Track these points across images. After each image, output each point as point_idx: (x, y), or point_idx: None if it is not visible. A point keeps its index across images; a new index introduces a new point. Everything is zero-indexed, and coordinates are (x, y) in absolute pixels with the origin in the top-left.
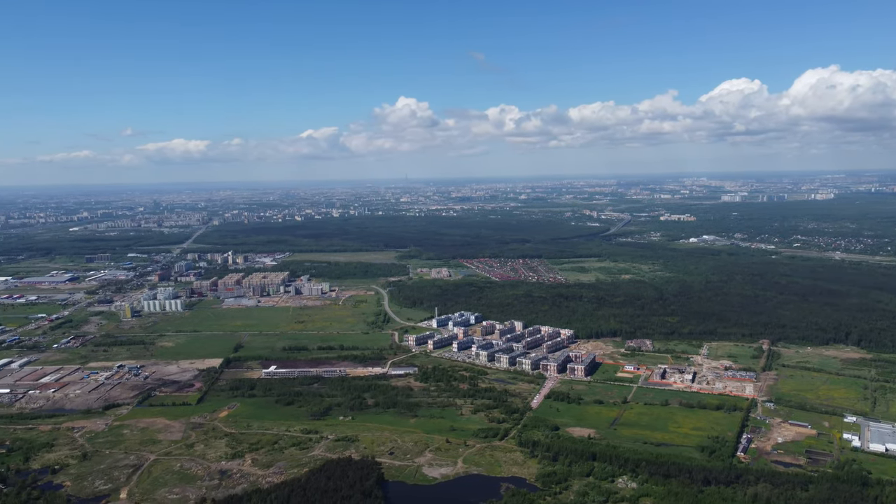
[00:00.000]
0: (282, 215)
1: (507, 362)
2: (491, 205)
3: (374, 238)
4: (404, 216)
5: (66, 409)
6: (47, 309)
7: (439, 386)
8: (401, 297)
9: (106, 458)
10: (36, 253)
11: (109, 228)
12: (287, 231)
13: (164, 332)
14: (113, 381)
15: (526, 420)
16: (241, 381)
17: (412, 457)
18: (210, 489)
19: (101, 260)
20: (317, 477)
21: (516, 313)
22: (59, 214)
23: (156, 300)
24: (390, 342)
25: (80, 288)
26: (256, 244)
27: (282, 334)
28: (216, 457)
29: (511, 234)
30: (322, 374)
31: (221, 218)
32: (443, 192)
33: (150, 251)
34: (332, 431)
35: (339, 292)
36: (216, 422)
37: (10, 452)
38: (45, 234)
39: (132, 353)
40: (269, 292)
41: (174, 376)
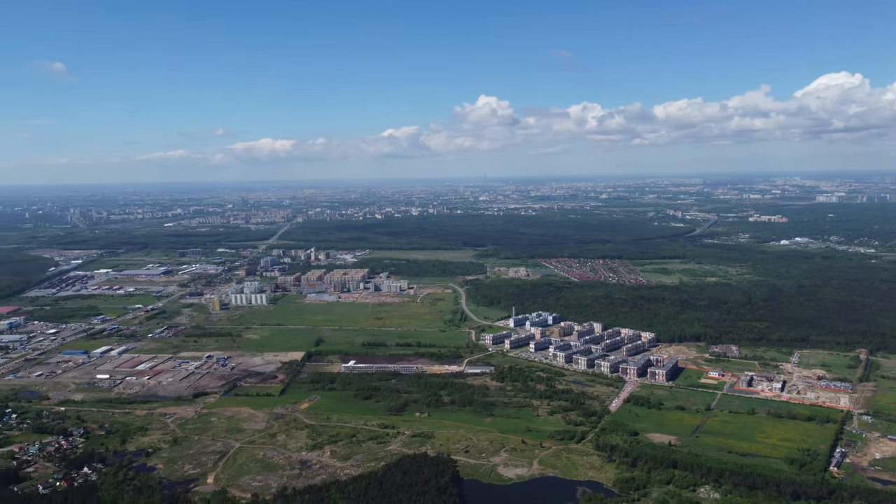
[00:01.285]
0: (363, 213)
1: (585, 364)
2: (571, 204)
3: (453, 236)
4: (483, 215)
5: (159, 395)
6: (144, 300)
7: (515, 386)
8: (478, 295)
9: (195, 444)
10: (134, 247)
11: (201, 224)
12: (367, 228)
13: (250, 325)
14: (202, 370)
15: (604, 424)
16: (322, 374)
17: (487, 456)
18: (291, 478)
19: (193, 254)
20: (393, 471)
21: (595, 315)
22: (155, 211)
23: (242, 294)
24: (467, 340)
25: (174, 281)
26: (338, 241)
27: (361, 330)
28: (297, 447)
29: (591, 233)
30: (399, 370)
31: (305, 215)
32: (522, 190)
33: (237, 247)
34: (409, 427)
35: (417, 290)
36: (297, 413)
37: (108, 434)
38: (142, 230)
39: (220, 345)
40: (350, 288)
41: (259, 368)
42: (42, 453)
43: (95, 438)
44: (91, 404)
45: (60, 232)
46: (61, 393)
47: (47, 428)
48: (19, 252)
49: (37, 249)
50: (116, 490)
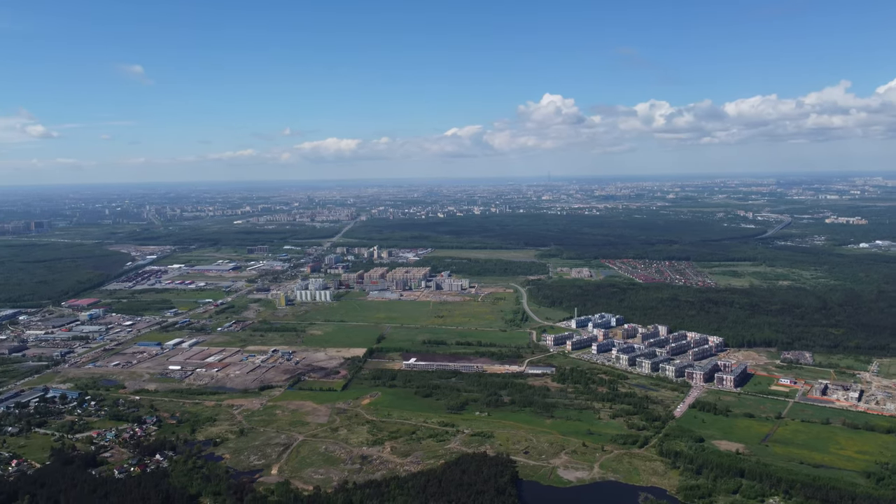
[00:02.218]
0: (425, 212)
1: (650, 368)
2: (636, 204)
3: (515, 236)
4: (545, 214)
5: (226, 387)
6: (213, 295)
7: (577, 388)
8: (540, 295)
9: (260, 436)
10: (205, 243)
11: (268, 222)
12: (429, 227)
13: (314, 321)
14: (268, 364)
15: (668, 429)
16: (383, 371)
17: (547, 458)
18: (352, 472)
19: (260, 251)
20: (452, 470)
21: (660, 317)
22: (225, 208)
23: (307, 290)
24: (528, 341)
25: (242, 276)
26: (400, 239)
27: (422, 328)
28: (358, 442)
29: (657, 234)
30: (460, 368)
31: (368, 214)
32: (586, 190)
33: (303, 244)
34: (468, 426)
35: (478, 289)
36: (359, 409)
37: (179, 424)
38: (213, 226)
39: (285, 339)
40: (411, 286)
41: (322, 363)
42: (118, 439)
43: (167, 427)
44: (163, 394)
45: (137, 228)
46: (136, 382)
47: (123, 415)
48: (99, 247)
49: (115, 245)
50: (186, 477)
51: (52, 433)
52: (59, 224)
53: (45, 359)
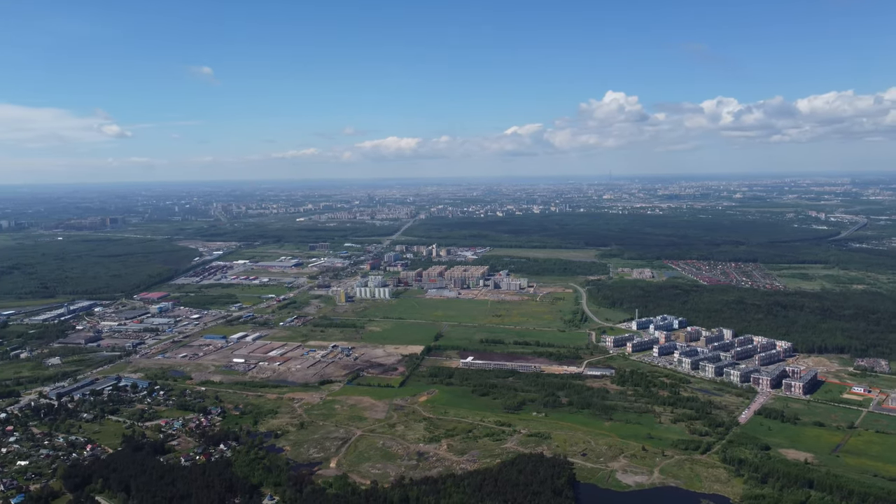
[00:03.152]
0: (484, 211)
1: (713, 372)
2: (701, 203)
3: (574, 235)
4: (606, 214)
5: (288, 380)
6: (276, 290)
7: (637, 391)
8: (599, 296)
9: (319, 429)
10: (269, 240)
11: (329, 220)
12: (488, 226)
13: (373, 318)
14: (328, 359)
15: (732, 436)
16: (440, 368)
17: (605, 461)
18: (408, 469)
19: (322, 248)
20: (508, 469)
21: (725, 320)
22: (288, 206)
23: (367, 287)
24: (587, 342)
25: (304, 273)
26: (459, 238)
27: (479, 326)
28: (415, 438)
29: (723, 235)
30: (517, 368)
31: (428, 212)
32: (648, 189)
33: (363, 241)
34: (525, 426)
35: (536, 288)
36: (416, 406)
37: (242, 415)
38: (276, 224)
39: (344, 335)
40: (469, 285)
41: (380, 359)
42: (184, 428)
43: (231, 418)
44: (228, 386)
45: (204, 225)
46: (202, 374)
47: (189, 405)
48: (169, 243)
49: (184, 240)
50: (248, 467)
51: (123, 420)
52: (132, 220)
53: (118, 349)
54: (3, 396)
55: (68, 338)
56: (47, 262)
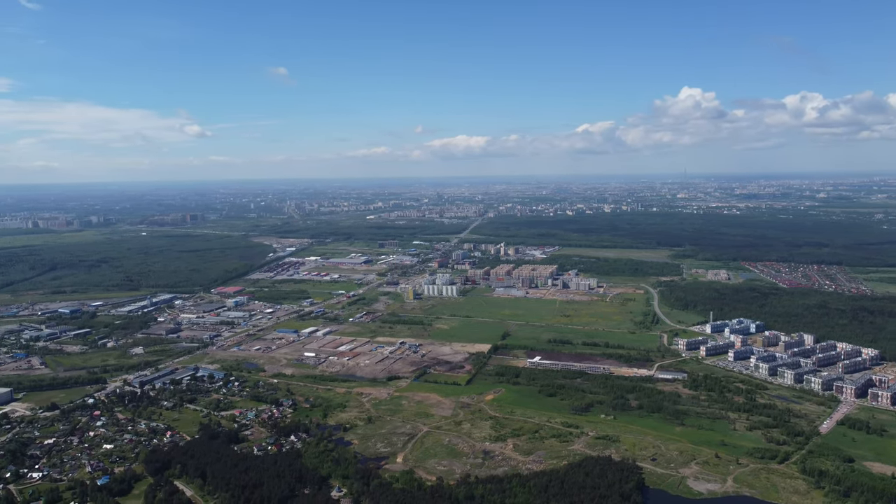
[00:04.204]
0: (553, 209)
1: (792, 379)
2: (781, 203)
3: (646, 235)
4: (680, 213)
5: (356, 375)
6: (346, 287)
7: (710, 396)
8: (672, 297)
9: (387, 424)
10: (340, 237)
11: (398, 217)
12: (557, 225)
13: (440, 315)
14: (395, 355)
15: (812, 446)
16: (507, 368)
17: (676, 467)
18: (474, 467)
19: (391, 246)
20: (575, 471)
21: (806, 325)
22: (358, 204)
23: (434, 285)
24: (658, 344)
25: (373, 270)
26: (527, 237)
27: (547, 326)
28: (481, 437)
29: (804, 236)
30: (585, 369)
31: (496, 210)
32: (725, 188)
33: (431, 239)
34: (593, 428)
35: (606, 289)
36: (482, 404)
37: (312, 408)
38: (347, 221)
39: (412, 332)
40: (537, 284)
41: (447, 357)
42: (257, 419)
43: (301, 410)
44: (299, 379)
45: (278, 222)
46: (275, 367)
47: (262, 397)
48: (245, 239)
49: (258, 237)
50: (318, 459)
51: (200, 409)
52: (210, 217)
53: (196, 341)
54: (91, 383)
55: (151, 329)
56: (132, 256)
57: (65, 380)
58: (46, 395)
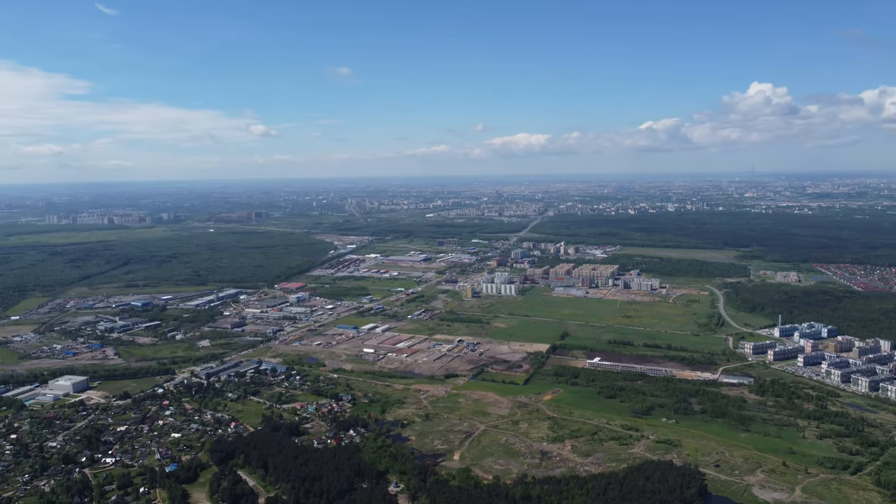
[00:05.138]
0: (615, 208)
1: (867, 386)
2: (857, 203)
3: (712, 235)
4: (748, 213)
5: (414, 372)
6: (405, 284)
7: (778, 402)
8: (738, 299)
9: (444, 421)
10: (399, 235)
11: (458, 216)
12: (619, 224)
13: (499, 314)
14: (453, 353)
15: (888, 456)
16: (566, 368)
17: (741, 474)
18: (531, 467)
19: (450, 244)
20: (635, 475)
21: (883, 331)
22: (418, 202)
23: (493, 283)
24: (723, 347)
25: (432, 268)
26: (588, 236)
27: (607, 327)
28: (538, 437)
29: (882, 237)
30: (646, 371)
31: (556, 209)
32: (796, 186)
33: (490, 238)
34: (654, 432)
35: (669, 289)
36: (540, 404)
37: (371, 403)
38: (406, 219)
39: (470, 330)
40: (598, 284)
41: (505, 356)
42: (318, 413)
43: (360, 405)
44: (358, 374)
45: (339, 219)
46: (335, 362)
47: (322, 391)
48: (307, 236)
49: (320, 234)
50: (376, 454)
51: (263, 402)
52: (274, 214)
53: (259, 335)
54: (161, 373)
55: (217, 322)
56: (200, 252)
57: (136, 370)
58: (119, 384)
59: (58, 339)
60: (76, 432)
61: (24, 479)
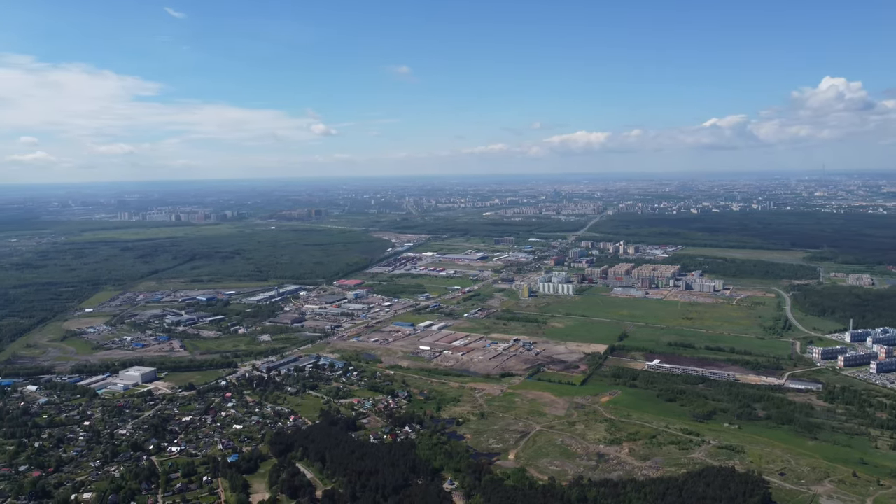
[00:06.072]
0: (676, 207)
1: None
2: None
3: (779, 235)
4: (817, 212)
5: (470, 371)
6: (461, 282)
7: (848, 410)
8: (806, 302)
9: (499, 421)
10: (456, 233)
11: (515, 214)
12: (681, 224)
13: (555, 314)
14: (509, 352)
15: None
16: (624, 369)
17: (808, 483)
18: (587, 469)
19: (506, 242)
20: (695, 481)
21: None
22: (475, 200)
23: (550, 283)
24: (790, 352)
25: (488, 266)
26: (648, 235)
27: (667, 328)
28: (595, 439)
29: None
30: (708, 375)
31: (615, 208)
32: (870, 185)
33: (547, 237)
34: (715, 437)
35: (733, 291)
36: (597, 406)
37: (426, 400)
38: (463, 217)
39: (526, 330)
40: (658, 285)
41: (561, 356)
42: (374, 408)
43: (416, 402)
44: (414, 371)
45: (397, 217)
46: (391, 358)
47: (379, 387)
48: (365, 234)
49: (378, 232)
50: (430, 451)
51: (321, 396)
52: (333, 212)
53: (318, 330)
54: (223, 366)
55: (277, 318)
56: (262, 248)
57: (201, 362)
58: (185, 376)
59: (128, 331)
60: (144, 421)
61: (96, 464)
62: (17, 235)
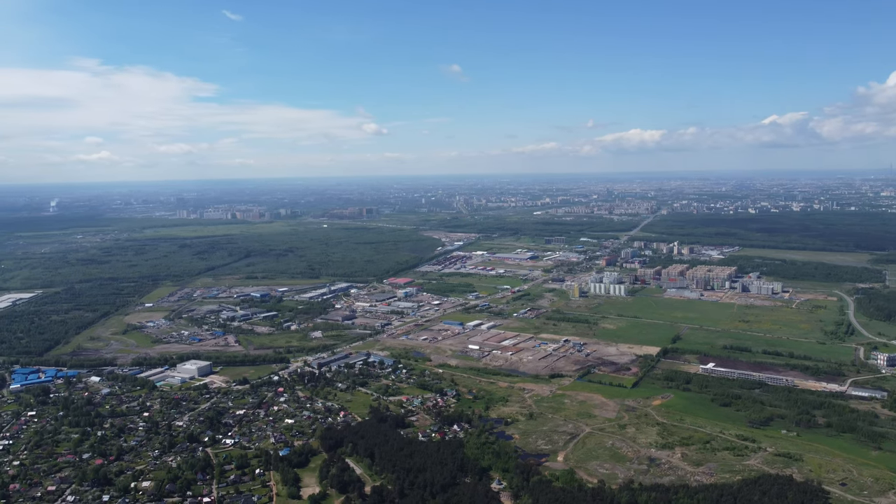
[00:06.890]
0: (733, 207)
1: None
2: None
3: (842, 237)
4: (884, 213)
5: (518, 371)
6: (511, 282)
7: None
8: (871, 307)
9: (548, 422)
10: (506, 232)
11: (566, 214)
12: (737, 224)
13: (607, 315)
14: (559, 353)
15: None
16: (677, 372)
17: (871, 495)
18: (638, 472)
19: (557, 242)
20: (750, 488)
21: None
22: (525, 199)
23: (601, 283)
24: (852, 358)
25: (538, 266)
26: (703, 236)
27: (723, 331)
28: (646, 443)
29: None
30: (765, 380)
31: (670, 207)
32: None
33: (599, 237)
34: (772, 444)
35: (792, 294)
36: (648, 409)
37: (475, 399)
38: (513, 216)
39: (577, 330)
40: (713, 286)
41: (613, 357)
42: (423, 406)
43: (464, 401)
44: (462, 370)
45: (447, 216)
46: (440, 357)
47: (428, 385)
48: (415, 232)
49: (428, 231)
50: (479, 450)
51: (371, 393)
52: (384, 211)
53: (368, 328)
54: (276, 361)
55: (328, 315)
56: (314, 246)
57: (254, 357)
58: (239, 370)
59: (185, 325)
60: (200, 413)
61: (155, 454)
62: (82, 232)
